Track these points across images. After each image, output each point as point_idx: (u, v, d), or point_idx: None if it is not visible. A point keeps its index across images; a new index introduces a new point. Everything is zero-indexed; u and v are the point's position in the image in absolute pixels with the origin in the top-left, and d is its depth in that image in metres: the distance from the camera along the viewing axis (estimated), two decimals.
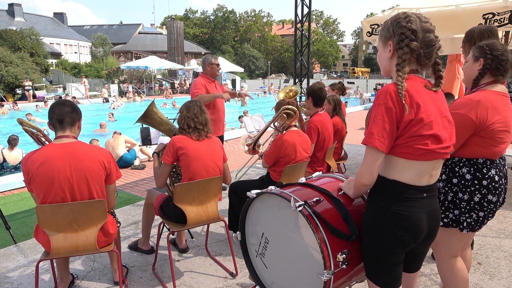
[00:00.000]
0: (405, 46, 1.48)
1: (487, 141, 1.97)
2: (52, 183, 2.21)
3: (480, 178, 2.00)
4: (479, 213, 2.03)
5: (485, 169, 2.00)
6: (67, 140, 2.31)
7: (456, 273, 2.15)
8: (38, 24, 38.01)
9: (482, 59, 2.02)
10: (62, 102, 2.38)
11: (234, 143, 8.71)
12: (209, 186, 2.78)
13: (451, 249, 2.14)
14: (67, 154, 2.25)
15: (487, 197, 2.01)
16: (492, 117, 1.93)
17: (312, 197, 1.66)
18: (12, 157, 6.87)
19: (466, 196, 2.03)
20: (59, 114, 2.30)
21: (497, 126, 1.95)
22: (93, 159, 2.32)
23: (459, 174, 2.06)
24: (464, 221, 2.05)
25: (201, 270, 3.02)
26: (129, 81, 26.05)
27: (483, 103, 1.94)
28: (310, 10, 8.03)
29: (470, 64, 2.09)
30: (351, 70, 48.61)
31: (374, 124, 1.46)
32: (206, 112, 2.86)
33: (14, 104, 17.02)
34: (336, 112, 4.68)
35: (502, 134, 1.98)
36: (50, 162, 2.21)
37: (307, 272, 1.63)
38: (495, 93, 2.00)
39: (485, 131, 1.95)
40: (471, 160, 2.03)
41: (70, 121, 2.33)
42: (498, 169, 2.03)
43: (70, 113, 2.33)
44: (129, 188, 5.36)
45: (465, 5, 4.50)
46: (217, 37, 57.95)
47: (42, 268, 2.98)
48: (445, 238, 2.14)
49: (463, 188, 2.04)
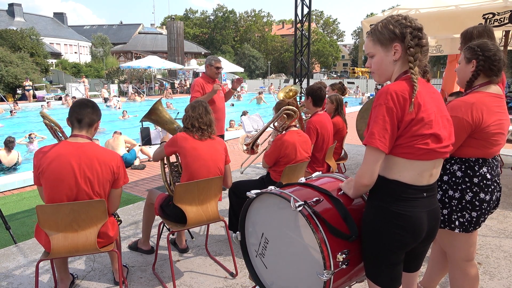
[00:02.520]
0: (416, 45, 1.49)
1: (481, 143, 1.97)
2: (61, 181, 2.24)
3: (471, 175, 1.99)
4: (472, 213, 2.00)
5: (477, 167, 2.00)
6: (82, 140, 2.34)
7: (465, 279, 2.11)
8: (38, 24, 37.98)
9: (474, 61, 2.00)
10: (85, 102, 2.42)
11: (234, 143, 8.72)
12: (209, 186, 2.78)
13: (461, 252, 2.10)
14: (79, 154, 2.28)
15: (479, 195, 1.99)
16: (488, 119, 1.92)
17: (312, 197, 1.66)
18: (8, 159, 6.89)
19: (457, 194, 2.02)
20: (79, 113, 2.34)
21: (492, 129, 1.94)
22: (103, 162, 2.34)
23: (450, 171, 2.05)
24: (455, 220, 2.02)
25: (201, 270, 3.02)
26: (129, 81, 26.04)
27: (477, 105, 1.92)
28: (310, 10, 8.03)
29: (462, 66, 2.06)
30: (351, 70, 48.54)
31: (375, 125, 1.46)
32: (211, 113, 2.88)
33: (15, 104, 17.02)
34: (338, 112, 4.69)
35: (497, 137, 1.97)
36: (62, 159, 2.24)
37: (307, 272, 1.63)
38: (489, 95, 1.98)
39: (480, 133, 1.94)
40: (462, 158, 2.02)
41: (88, 122, 2.37)
42: (490, 168, 2.02)
43: (91, 114, 2.37)
44: (129, 188, 5.36)
45: (465, 5, 4.50)
46: (217, 37, 57.93)
47: (42, 268, 2.98)
48: (449, 241, 2.11)
49: (453, 186, 2.03)
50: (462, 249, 2.10)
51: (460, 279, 2.13)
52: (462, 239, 2.07)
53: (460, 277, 2.13)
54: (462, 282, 2.13)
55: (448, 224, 2.05)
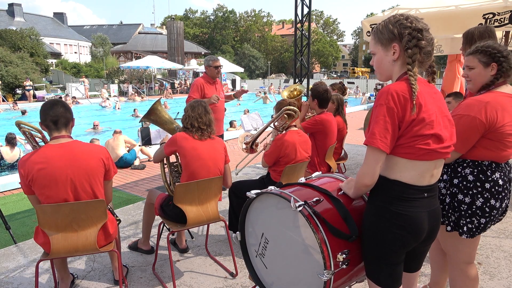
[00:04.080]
0: (414, 46, 1.48)
1: (495, 144, 1.90)
2: (55, 184, 2.21)
3: (483, 180, 1.93)
4: (481, 220, 1.96)
5: (489, 172, 1.94)
6: (64, 140, 2.31)
7: (464, 280, 2.10)
8: (38, 24, 37.94)
9: (495, 64, 1.94)
10: (54, 102, 2.34)
11: (233, 143, 8.71)
12: (209, 186, 2.78)
13: (462, 255, 2.09)
14: (67, 154, 2.25)
15: (490, 201, 1.93)
16: (502, 119, 1.86)
17: (312, 197, 1.66)
18: (11, 155, 6.88)
19: (467, 199, 1.97)
20: (53, 115, 2.27)
21: (507, 129, 1.88)
22: (92, 156, 2.32)
23: (461, 175, 2.00)
24: (464, 226, 1.99)
25: (201, 270, 3.01)
26: (129, 81, 26.03)
27: (492, 104, 1.87)
28: (310, 10, 8.01)
29: (480, 71, 1.98)
30: (351, 70, 48.61)
31: (376, 125, 1.46)
32: (211, 113, 2.88)
33: (14, 104, 17.00)
34: (338, 111, 4.69)
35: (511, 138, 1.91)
36: (51, 163, 2.20)
37: (307, 272, 1.63)
38: (504, 95, 1.93)
39: (494, 133, 1.88)
40: (475, 162, 1.96)
41: (64, 122, 2.31)
42: (503, 173, 1.96)
43: (64, 113, 2.31)
44: (129, 188, 5.36)
45: (465, 5, 4.51)
46: (217, 37, 57.94)
47: (42, 268, 2.98)
48: (453, 243, 2.10)
49: (464, 190, 1.98)
50: (465, 252, 2.09)
51: (460, 280, 2.12)
52: (466, 243, 2.06)
53: (460, 279, 2.12)
54: (462, 284, 2.12)
55: (456, 229, 2.02)
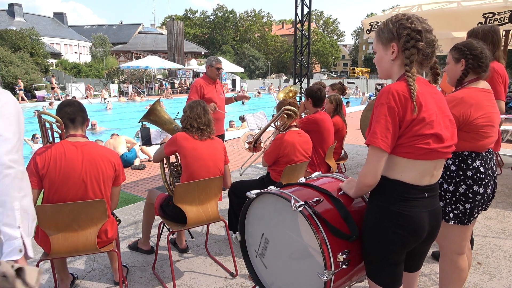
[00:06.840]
0: (412, 47, 1.48)
1: (471, 135, 2.05)
2: (67, 180, 2.24)
3: (465, 169, 2.07)
4: (466, 205, 2.07)
5: (470, 160, 2.08)
6: (82, 139, 2.36)
7: (454, 271, 2.17)
8: (38, 24, 37.96)
9: (463, 60, 2.12)
10: (71, 102, 2.43)
11: (234, 143, 8.71)
12: (209, 186, 2.78)
13: (453, 245, 2.16)
14: (82, 153, 2.29)
15: (473, 187, 2.06)
16: (476, 112, 2.02)
17: (312, 197, 1.66)
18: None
19: (451, 187, 2.10)
20: (71, 113, 2.34)
21: (481, 121, 2.03)
22: (106, 160, 2.36)
23: (444, 166, 2.09)
24: (450, 213, 2.10)
25: (201, 270, 3.01)
26: (129, 81, 26.03)
27: (466, 99, 2.04)
28: (310, 10, 8.01)
29: (452, 66, 2.20)
30: (351, 70, 48.61)
31: (377, 124, 1.46)
32: (210, 112, 2.88)
33: None
34: (337, 112, 4.69)
35: (487, 129, 2.06)
36: (67, 159, 2.24)
37: (307, 272, 1.63)
38: (478, 90, 2.10)
39: (469, 126, 2.04)
40: (456, 152, 2.10)
41: (81, 120, 2.39)
42: (484, 161, 2.10)
43: (81, 112, 2.39)
44: (129, 188, 5.35)
45: (467, 2, 4.52)
46: (217, 37, 57.94)
47: (42, 268, 2.98)
48: (443, 232, 2.14)
49: (448, 179, 2.11)
50: (455, 242, 2.16)
51: (449, 270, 2.20)
52: (455, 232, 2.14)
53: (449, 268, 2.20)
54: (451, 273, 2.19)
55: (443, 217, 2.11)
